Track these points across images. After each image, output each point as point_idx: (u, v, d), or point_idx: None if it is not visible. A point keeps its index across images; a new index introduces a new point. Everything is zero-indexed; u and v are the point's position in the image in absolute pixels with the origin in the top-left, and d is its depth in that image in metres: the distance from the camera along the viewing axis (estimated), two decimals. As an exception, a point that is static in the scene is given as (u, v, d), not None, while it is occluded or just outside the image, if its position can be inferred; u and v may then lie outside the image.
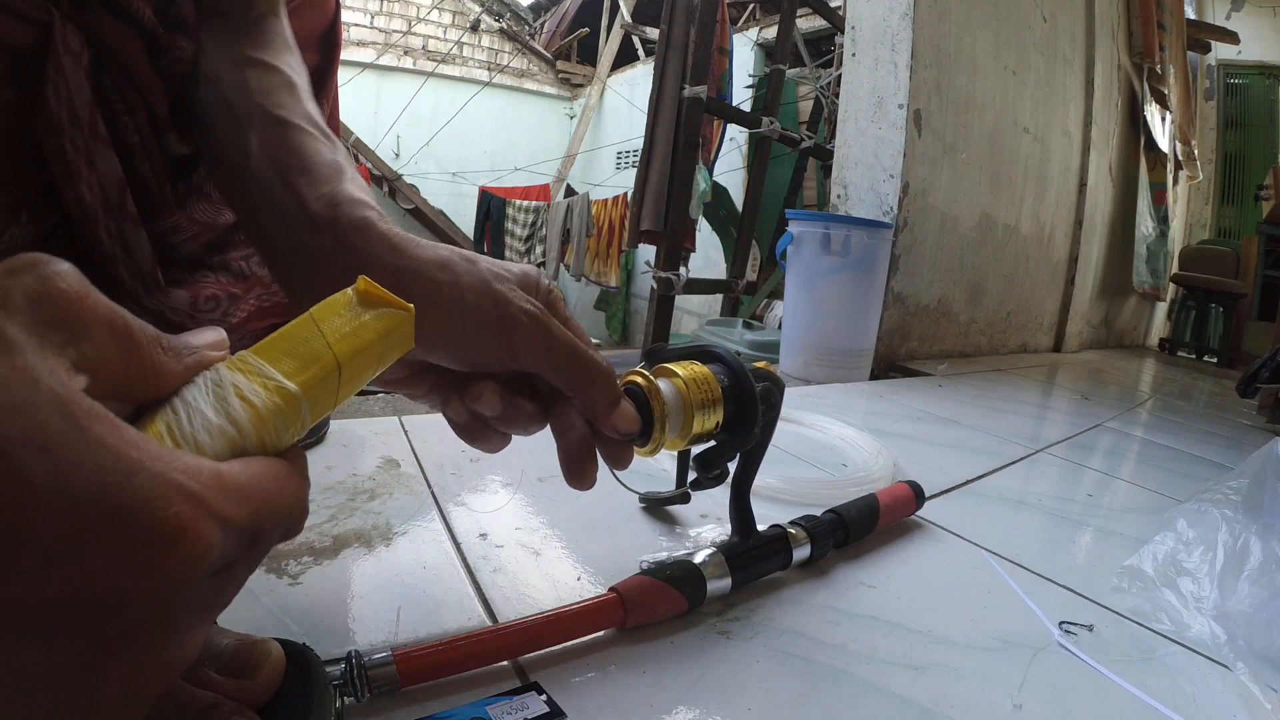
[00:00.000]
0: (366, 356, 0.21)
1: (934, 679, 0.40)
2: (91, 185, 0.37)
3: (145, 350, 0.17)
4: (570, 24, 7.04)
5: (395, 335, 0.22)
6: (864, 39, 1.68)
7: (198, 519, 0.15)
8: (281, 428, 0.19)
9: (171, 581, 0.15)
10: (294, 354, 0.19)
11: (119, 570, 0.14)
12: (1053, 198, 2.38)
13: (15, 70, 0.34)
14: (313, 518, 0.51)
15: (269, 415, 0.18)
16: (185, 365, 0.18)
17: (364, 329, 0.21)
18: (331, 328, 0.20)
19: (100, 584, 0.14)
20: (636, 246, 2.38)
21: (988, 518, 0.68)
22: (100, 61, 0.37)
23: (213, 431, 0.17)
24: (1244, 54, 4.22)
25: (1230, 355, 3.28)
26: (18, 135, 0.35)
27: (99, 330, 0.16)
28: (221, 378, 0.18)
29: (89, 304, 0.16)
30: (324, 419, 0.70)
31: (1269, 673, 0.44)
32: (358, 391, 0.23)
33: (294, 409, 0.19)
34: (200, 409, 0.18)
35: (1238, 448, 1.20)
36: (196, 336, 0.19)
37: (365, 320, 0.21)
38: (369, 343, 0.21)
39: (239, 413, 0.18)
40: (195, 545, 0.15)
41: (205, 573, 0.15)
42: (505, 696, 0.34)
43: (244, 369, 0.19)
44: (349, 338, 0.20)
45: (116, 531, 0.14)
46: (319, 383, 0.19)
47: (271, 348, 0.19)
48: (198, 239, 0.45)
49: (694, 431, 0.42)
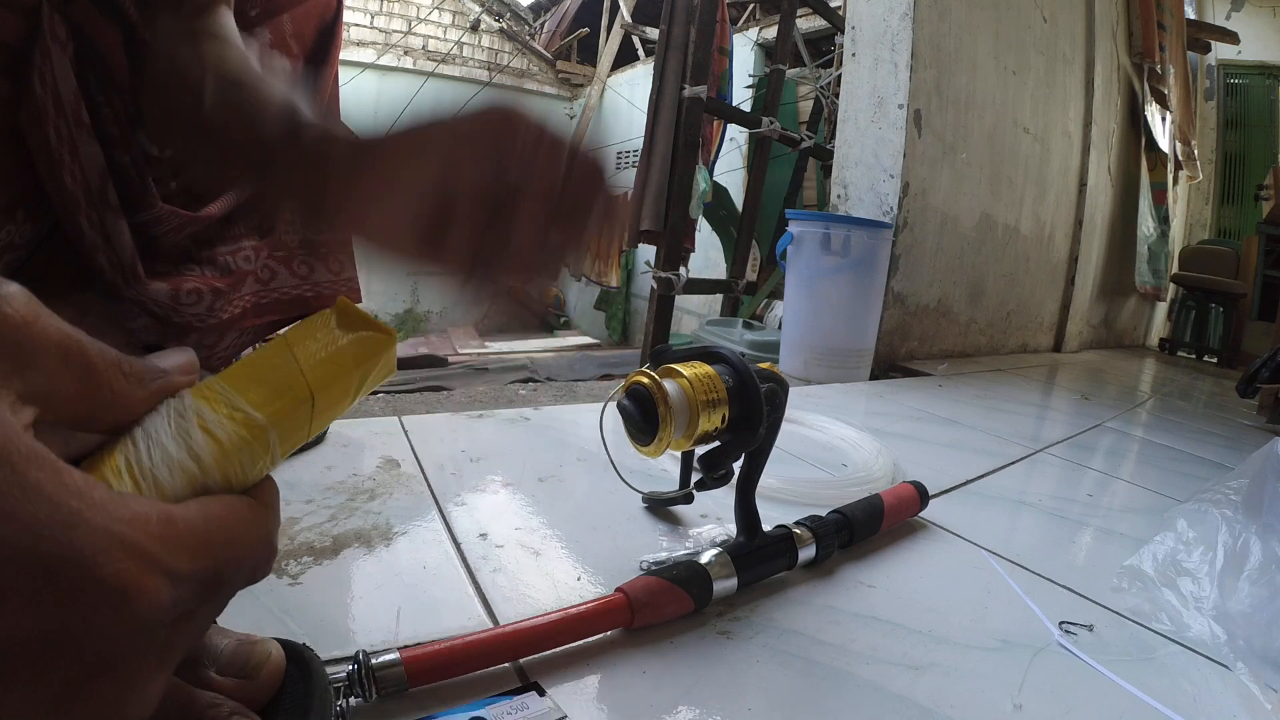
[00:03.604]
0: (343, 385, 0.20)
1: (934, 679, 0.40)
2: (74, 173, 0.37)
3: (103, 376, 0.16)
4: (570, 24, 7.04)
5: (374, 361, 0.20)
6: (864, 39, 1.68)
7: (141, 574, 0.14)
8: (248, 461, 0.18)
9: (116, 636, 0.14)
10: (265, 381, 0.18)
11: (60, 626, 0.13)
12: (1053, 198, 2.38)
13: (7, 66, 0.34)
14: (313, 518, 0.51)
15: (233, 449, 0.17)
16: (149, 391, 0.17)
17: (340, 355, 0.19)
18: (306, 353, 0.19)
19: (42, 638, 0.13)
20: (636, 246, 2.38)
21: (988, 518, 0.68)
22: (82, 54, 0.37)
23: (173, 466, 0.16)
24: (1244, 54, 4.22)
25: (1230, 355, 3.28)
26: (11, 133, 0.35)
27: (48, 357, 0.15)
28: (185, 406, 0.17)
29: (37, 329, 0.15)
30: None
31: (1269, 673, 0.44)
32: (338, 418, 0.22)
33: (261, 442, 0.18)
34: (161, 441, 0.17)
35: (1238, 448, 1.20)
36: (164, 359, 0.18)
37: (343, 345, 0.20)
38: (345, 370, 0.19)
39: (201, 446, 0.17)
40: (139, 602, 0.14)
41: (156, 625, 0.15)
42: (505, 696, 0.34)
43: (210, 397, 0.18)
44: (324, 364, 0.19)
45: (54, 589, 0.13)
46: (289, 413, 0.18)
47: (242, 374, 0.18)
48: (181, 231, 0.45)
49: (699, 431, 0.42)
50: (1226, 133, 4.54)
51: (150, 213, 0.42)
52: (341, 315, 0.20)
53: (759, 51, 4.98)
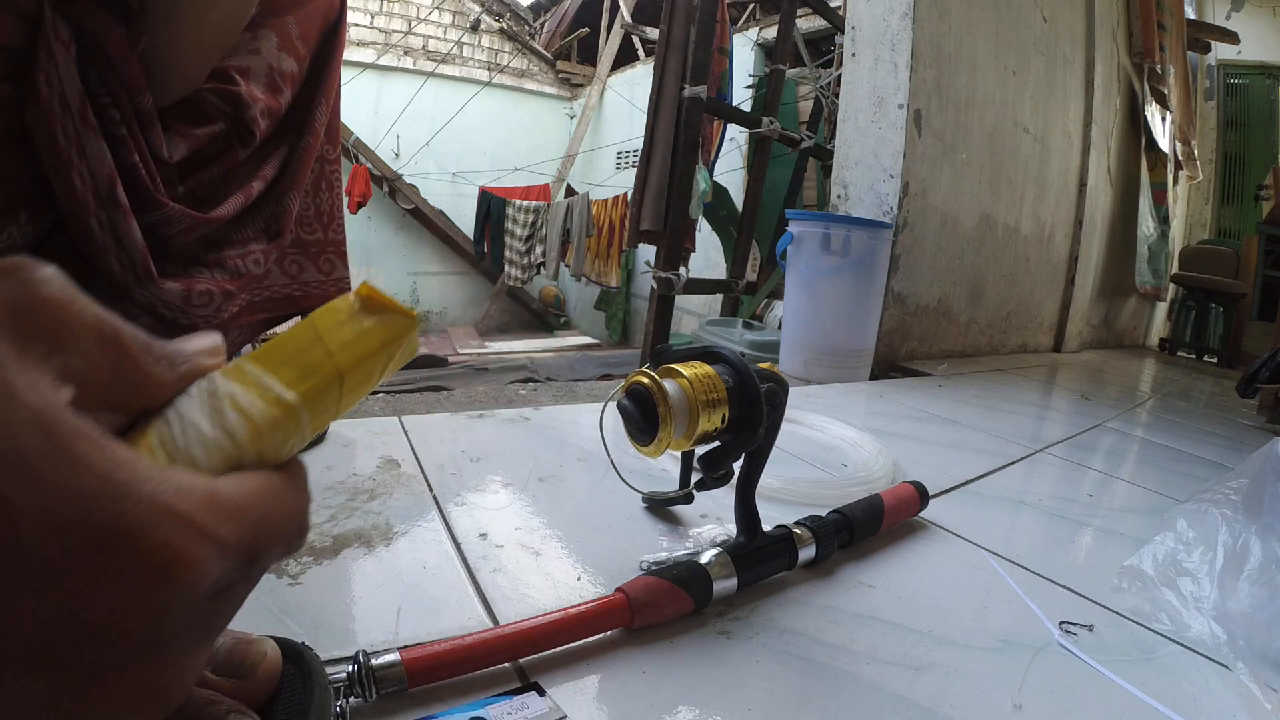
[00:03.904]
0: (369, 365, 0.20)
1: (934, 679, 0.40)
2: (82, 174, 0.37)
3: (136, 358, 0.16)
4: (570, 24, 7.03)
5: (399, 343, 0.21)
6: (864, 39, 1.68)
7: (190, 544, 0.14)
8: (280, 440, 0.18)
9: (165, 609, 0.14)
10: (293, 363, 0.18)
11: (108, 599, 0.13)
12: (1053, 198, 2.38)
13: (7, 67, 0.34)
14: (313, 518, 0.51)
15: (266, 428, 0.17)
16: (179, 374, 0.17)
17: (367, 336, 0.20)
18: (333, 336, 0.19)
19: (88, 613, 0.13)
20: (636, 246, 2.38)
21: (988, 518, 0.68)
22: (86, 55, 0.37)
23: (208, 445, 0.17)
24: (1244, 54, 4.22)
25: (1230, 355, 3.28)
26: (13, 133, 0.35)
27: (86, 338, 0.15)
28: (217, 388, 0.18)
29: (74, 311, 0.15)
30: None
31: (1269, 673, 0.44)
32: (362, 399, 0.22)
33: (293, 421, 0.18)
34: (194, 421, 0.17)
35: (1238, 448, 1.20)
36: (190, 343, 0.19)
37: (368, 327, 0.20)
38: (372, 351, 0.20)
39: (235, 425, 0.17)
40: (189, 572, 0.14)
41: (200, 598, 0.15)
42: (505, 696, 0.34)
43: (241, 379, 0.18)
44: (351, 346, 0.19)
45: (104, 560, 0.13)
46: (320, 393, 0.19)
47: (270, 356, 0.19)
48: (191, 232, 0.45)
49: (699, 431, 0.42)
50: (1226, 133, 4.54)
51: (160, 214, 0.43)
52: (364, 299, 0.21)
53: (759, 51, 4.98)
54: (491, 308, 6.50)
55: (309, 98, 0.57)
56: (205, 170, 0.47)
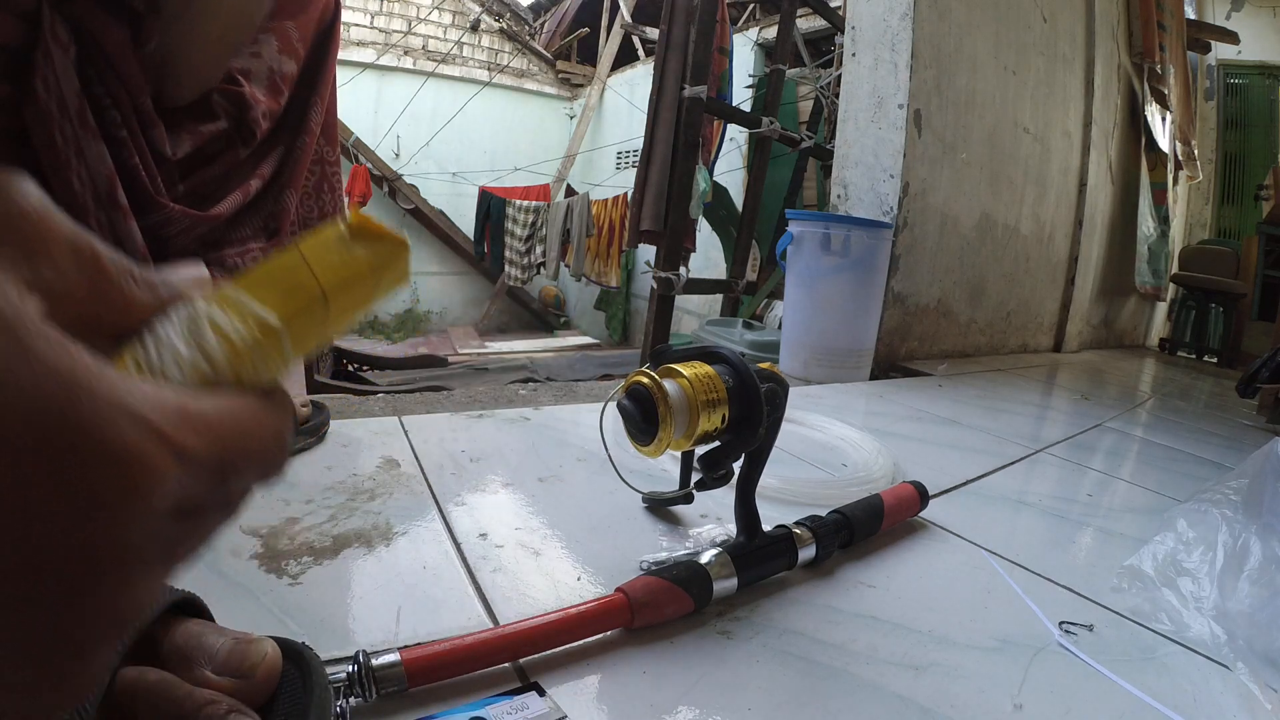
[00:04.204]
0: (357, 290, 0.20)
1: (934, 679, 0.40)
2: (80, 175, 0.37)
3: (114, 279, 0.16)
4: (570, 24, 7.04)
5: (389, 269, 0.20)
6: (864, 39, 1.68)
7: (151, 447, 0.13)
8: (260, 362, 0.17)
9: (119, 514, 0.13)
10: (275, 285, 0.18)
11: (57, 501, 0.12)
12: (1053, 198, 2.38)
13: (7, 67, 0.34)
14: (313, 518, 0.51)
15: (246, 349, 0.17)
16: (159, 298, 0.17)
17: (354, 261, 0.19)
18: (319, 260, 0.19)
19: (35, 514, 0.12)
20: (636, 246, 2.38)
21: (988, 518, 0.68)
22: (86, 56, 0.37)
23: (183, 365, 0.16)
24: (1244, 54, 4.22)
25: (1230, 355, 3.28)
26: (13, 133, 0.35)
27: (60, 252, 0.15)
28: (197, 311, 0.17)
29: (49, 224, 0.14)
30: (324, 418, 0.70)
31: (1269, 673, 0.44)
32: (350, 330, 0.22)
33: (274, 343, 0.18)
34: (171, 342, 0.16)
35: (1238, 448, 1.20)
36: (175, 272, 0.18)
37: (356, 253, 0.20)
38: (359, 275, 0.20)
39: (212, 346, 0.17)
40: (148, 476, 0.13)
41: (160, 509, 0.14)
42: (505, 696, 0.34)
43: (221, 301, 0.18)
44: (337, 268, 0.19)
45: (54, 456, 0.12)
46: (302, 315, 0.18)
47: (253, 280, 0.18)
48: (191, 231, 0.45)
49: (699, 431, 0.42)
50: (1226, 133, 4.54)
51: (161, 214, 0.43)
52: (354, 226, 0.20)
53: (759, 51, 4.98)
54: (491, 308, 6.50)
55: (304, 97, 0.57)
56: (206, 168, 0.48)
